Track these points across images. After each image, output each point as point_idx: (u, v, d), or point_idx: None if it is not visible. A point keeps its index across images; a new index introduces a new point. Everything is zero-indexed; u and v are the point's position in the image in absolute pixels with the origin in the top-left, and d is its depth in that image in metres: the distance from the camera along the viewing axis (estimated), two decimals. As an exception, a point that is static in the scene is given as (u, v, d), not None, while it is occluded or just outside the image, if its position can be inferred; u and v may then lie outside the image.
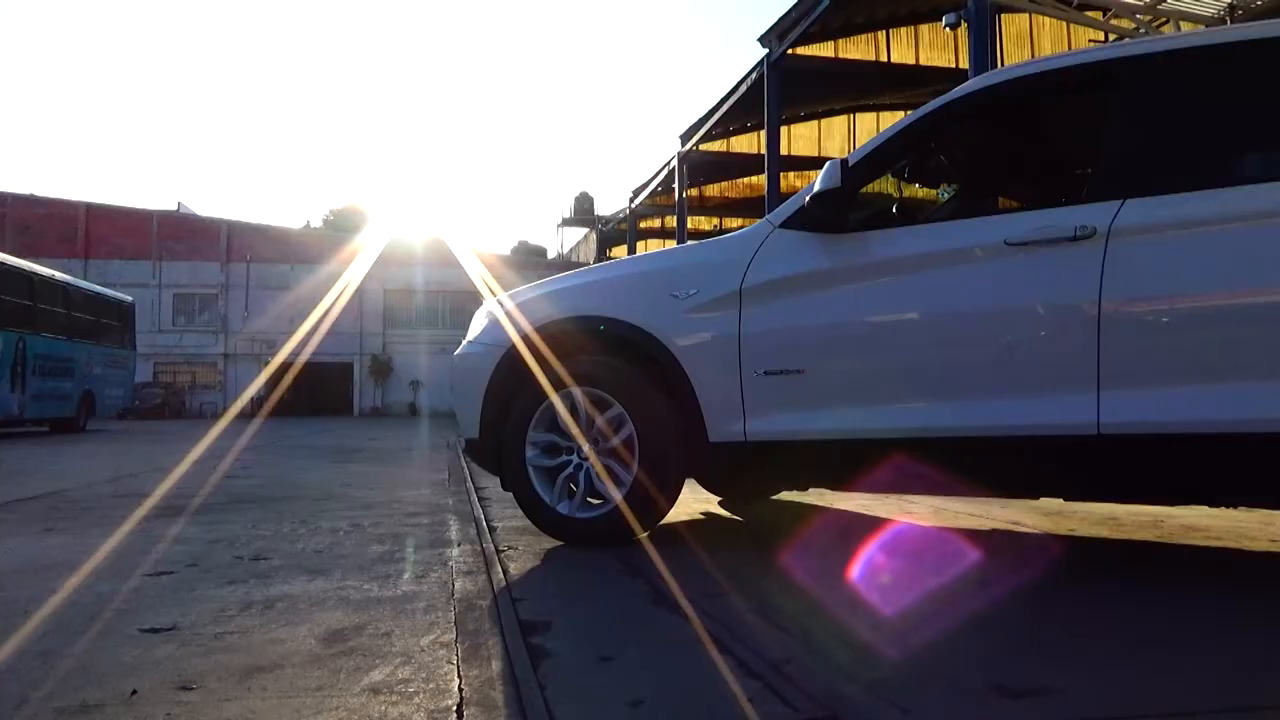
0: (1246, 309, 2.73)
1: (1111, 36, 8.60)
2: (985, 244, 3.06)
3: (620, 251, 34.85)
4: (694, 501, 4.73)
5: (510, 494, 3.73)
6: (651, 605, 2.60)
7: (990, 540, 3.84)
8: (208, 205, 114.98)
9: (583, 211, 43.87)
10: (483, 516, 4.41)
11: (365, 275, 33.13)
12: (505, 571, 3.07)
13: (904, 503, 4.78)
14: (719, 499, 4.85)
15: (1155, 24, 7.93)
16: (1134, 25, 7.96)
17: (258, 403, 30.31)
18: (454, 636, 2.26)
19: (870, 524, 4.30)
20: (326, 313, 30.21)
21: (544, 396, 3.57)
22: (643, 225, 32.75)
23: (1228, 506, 3.42)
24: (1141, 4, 7.65)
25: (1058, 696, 1.79)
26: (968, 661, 2.04)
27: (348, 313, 33.29)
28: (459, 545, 3.63)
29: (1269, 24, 3.12)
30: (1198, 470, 2.80)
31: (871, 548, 3.67)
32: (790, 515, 4.60)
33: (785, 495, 4.88)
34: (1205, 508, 3.98)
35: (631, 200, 30.87)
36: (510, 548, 3.53)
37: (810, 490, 4.55)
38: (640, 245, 32.54)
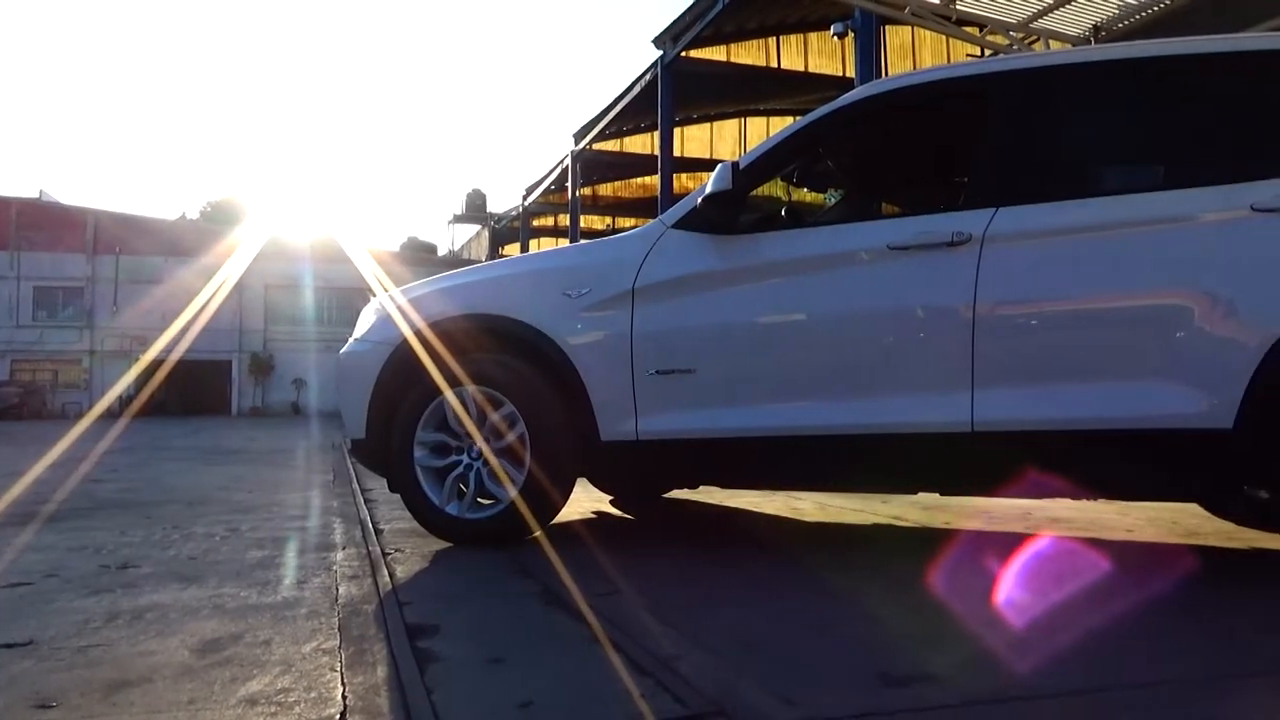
0: (1107, 313, 2.90)
1: (987, 52, 9.01)
2: (869, 248, 3.16)
3: (513, 249, 34.53)
4: (586, 501, 4.72)
5: (398, 496, 3.64)
6: (543, 605, 2.58)
7: (872, 533, 3.97)
8: (73, 194, 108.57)
9: (475, 208, 43.28)
10: (369, 519, 4.30)
11: (245, 270, 31.83)
12: (392, 575, 2.99)
13: (791, 499, 4.89)
14: (611, 498, 4.86)
15: (1027, 41, 8.35)
16: (1007, 42, 8.36)
17: (126, 402, 28.75)
18: (338, 643, 2.19)
19: (758, 521, 4.38)
20: (203, 308, 28.88)
21: (433, 395, 3.50)
22: (536, 223, 32.53)
23: (1089, 499, 3.63)
24: (1014, 22, 8.04)
25: (936, 683, 1.86)
26: (853, 652, 2.10)
27: (226, 309, 31.91)
28: (344, 549, 3.52)
29: (1130, 45, 3.33)
30: (1062, 465, 2.96)
31: (760, 544, 3.75)
32: (681, 513, 4.65)
33: (677, 493, 4.93)
34: (1069, 500, 4.21)
35: (524, 198, 30.64)
36: (397, 550, 3.45)
37: (701, 488, 4.60)
38: (533, 243, 32.33)
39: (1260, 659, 2.05)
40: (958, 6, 7.93)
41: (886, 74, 12.99)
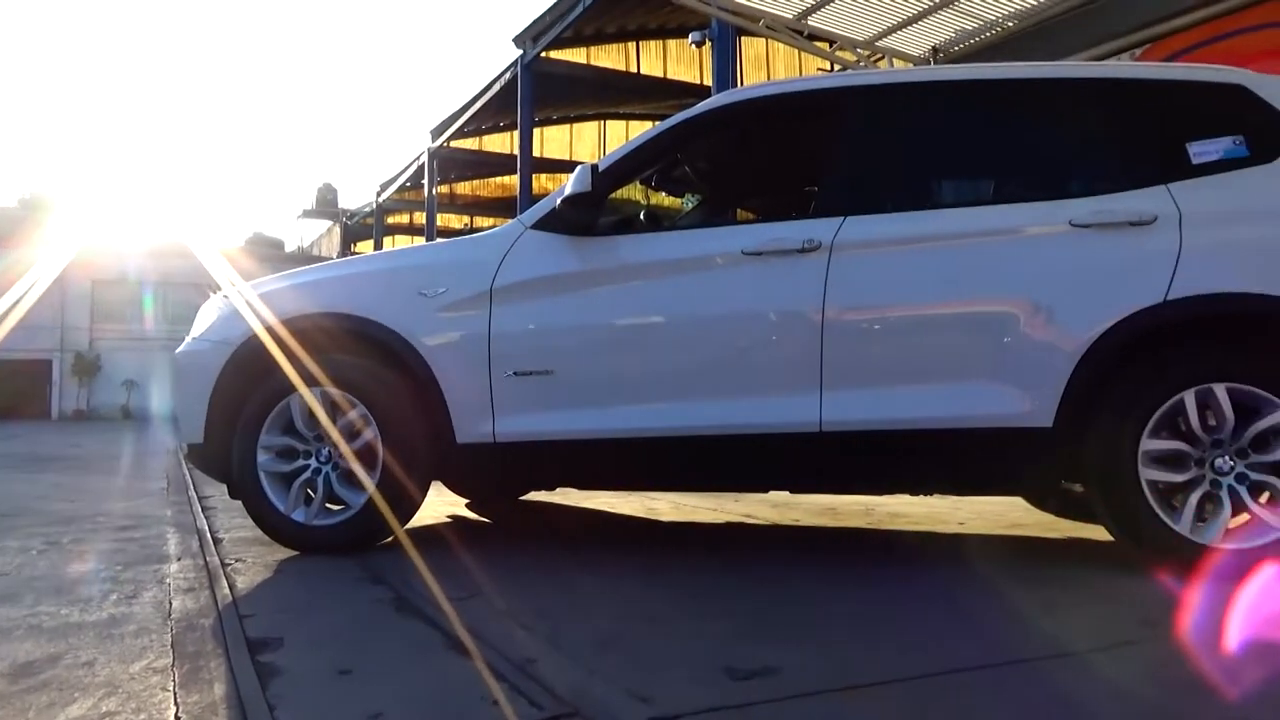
0: (943, 318, 3.08)
1: (837, 67, 9.41)
2: (723, 252, 3.24)
3: (366, 247, 33.45)
4: (441, 504, 4.63)
5: (239, 503, 3.46)
6: (395, 612, 2.51)
7: (726, 532, 4.07)
8: None
9: (326, 203, 41.70)
10: (206, 528, 4.07)
11: (68, 264, 29.50)
12: (232, 586, 2.84)
13: (648, 499, 4.95)
14: (467, 501, 4.78)
15: (873, 59, 8.76)
16: (855, 58, 8.75)
17: (-74, 405, 26.14)
18: (170, 660, 2.06)
19: (615, 521, 4.41)
20: (17, 303, 26.57)
21: (280, 397, 3.35)
22: (390, 220, 31.63)
23: (925, 494, 3.84)
24: (861, 40, 8.42)
25: (780, 675, 1.92)
26: (703, 648, 2.14)
27: (47, 305, 29.49)
28: (178, 560, 3.32)
29: (968, 67, 3.56)
30: (903, 463, 3.13)
31: (617, 544, 3.77)
32: (538, 515, 4.62)
33: (533, 495, 4.90)
34: (907, 496, 4.44)
35: (379, 194, 29.73)
36: (238, 560, 3.28)
37: (558, 490, 4.60)
38: (388, 241, 31.43)
39: (1061, 640, 2.21)
40: (809, 22, 8.24)
41: (742, 83, 13.36)
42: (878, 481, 3.43)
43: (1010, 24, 7.81)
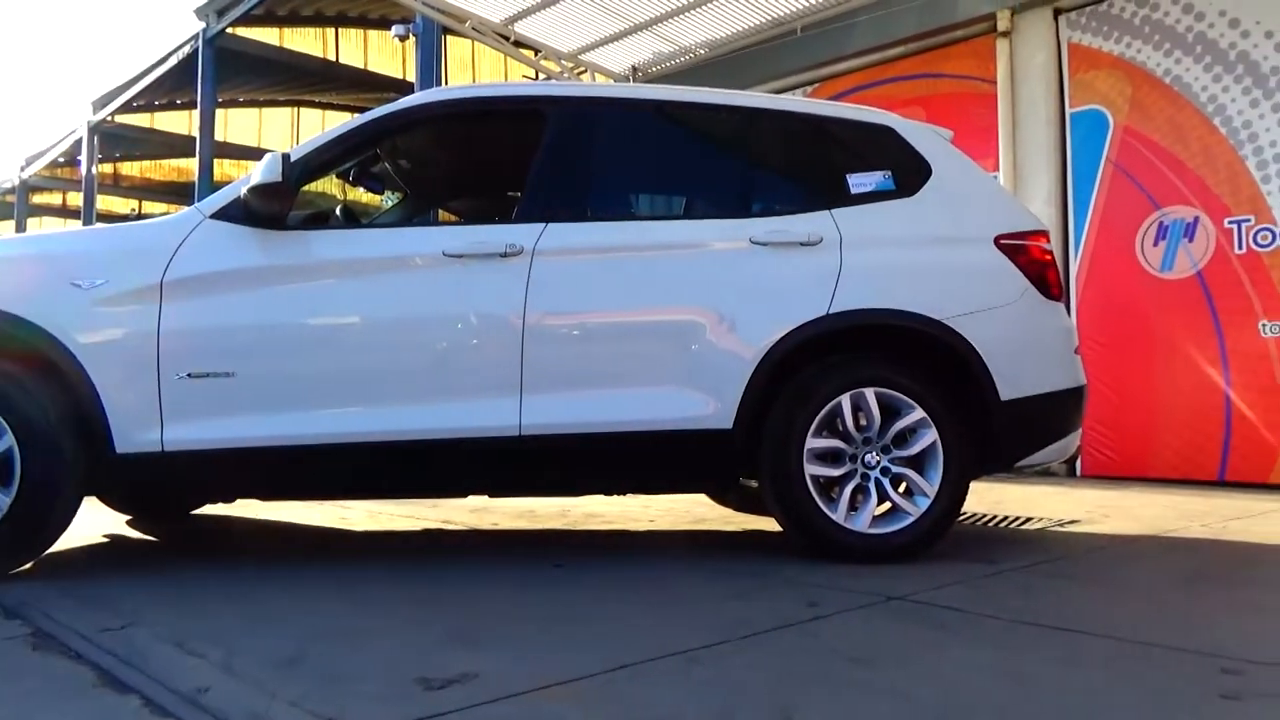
0: (638, 326, 3.23)
1: (542, 76, 9.56)
2: (425, 253, 3.17)
3: (5, 228, 28.99)
4: (98, 522, 4.10)
5: None
6: (33, 651, 2.18)
7: (423, 539, 3.98)
8: None
9: (-49, 175, 35.63)
10: None
11: None
12: None
13: (340, 508, 4.72)
14: (128, 518, 4.28)
15: (576, 71, 9.00)
16: (559, 69, 8.94)
17: None
18: None
19: (303, 533, 4.16)
20: None
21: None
22: (37, 200, 27.61)
23: (619, 494, 4.00)
24: (566, 52, 8.62)
25: (478, 681, 1.91)
26: (399, 660, 2.07)
27: None
28: None
29: (668, 88, 3.76)
30: (599, 464, 3.23)
31: (304, 557, 3.56)
32: (214, 531, 4.25)
33: (208, 509, 4.49)
34: (602, 496, 4.59)
35: (22, 169, 25.88)
36: None
37: (238, 502, 4.24)
38: (33, 223, 27.44)
39: (750, 623, 2.40)
40: (516, 29, 8.30)
41: (447, 83, 13.17)
42: (575, 483, 3.52)
43: (702, 51, 8.36)
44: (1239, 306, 5.58)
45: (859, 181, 3.46)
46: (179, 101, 20.49)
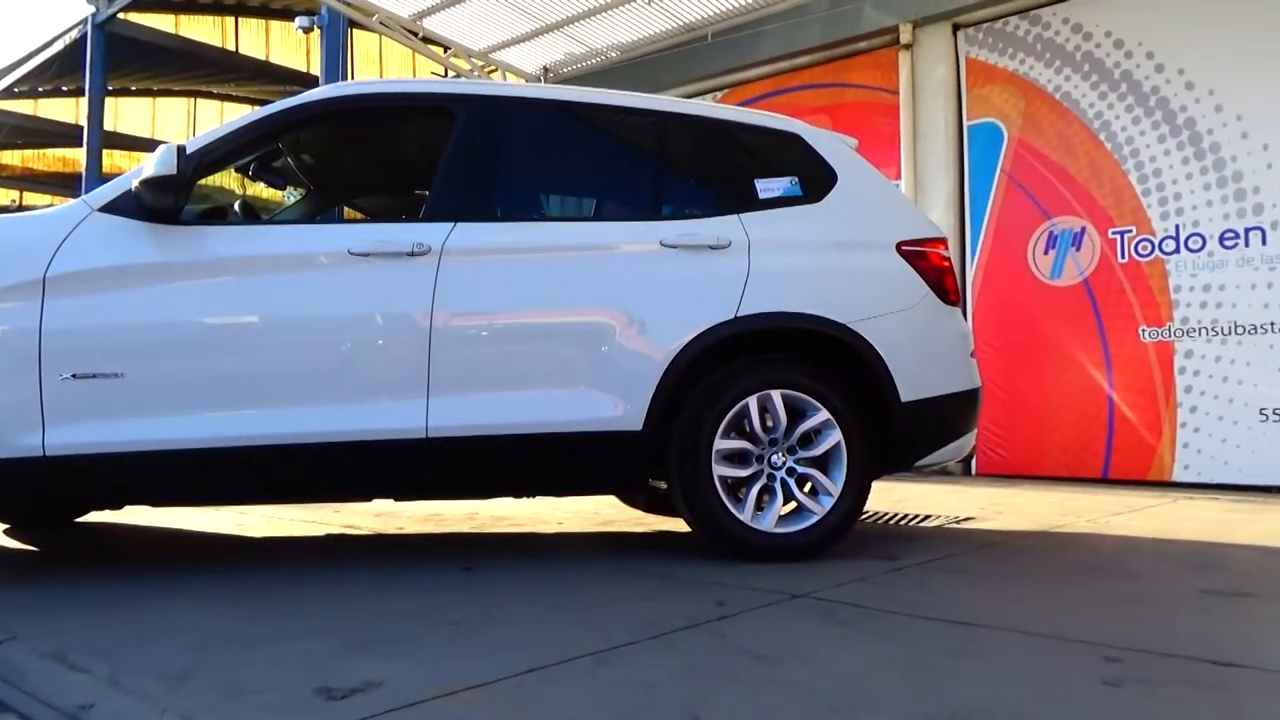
0: (547, 327, 3.22)
1: (451, 73, 9.44)
2: (328, 251, 3.09)
3: None
4: (-29, 531, 3.88)
5: None
6: (-104, 668, 2.04)
7: (325, 544, 3.88)
8: None
9: None
10: None
11: None
12: None
13: (237, 513, 4.56)
14: (6, 527, 4.05)
15: (487, 70, 8.91)
16: (469, 67, 8.84)
17: None
18: None
19: (197, 540, 4.01)
20: None
21: None
22: (-93, 188, 25.92)
23: (528, 496, 3.97)
24: (476, 50, 8.53)
25: (382, 689, 1.87)
26: (300, 669, 2.01)
27: None
28: None
29: (579, 90, 3.75)
30: (506, 467, 3.20)
31: (199, 565, 3.42)
32: (100, 539, 4.06)
33: (95, 516, 4.28)
34: (511, 498, 4.55)
35: (-110, 154, 24.23)
36: None
37: (127, 508, 4.06)
38: (-98, 212, 25.72)
39: (657, 624, 2.41)
40: (425, 25, 8.18)
41: (353, 77, 12.89)
42: (483, 486, 3.47)
43: (614, 54, 8.39)
44: (1121, 313, 5.89)
45: (766, 187, 3.52)
46: (65, 88, 19.49)
